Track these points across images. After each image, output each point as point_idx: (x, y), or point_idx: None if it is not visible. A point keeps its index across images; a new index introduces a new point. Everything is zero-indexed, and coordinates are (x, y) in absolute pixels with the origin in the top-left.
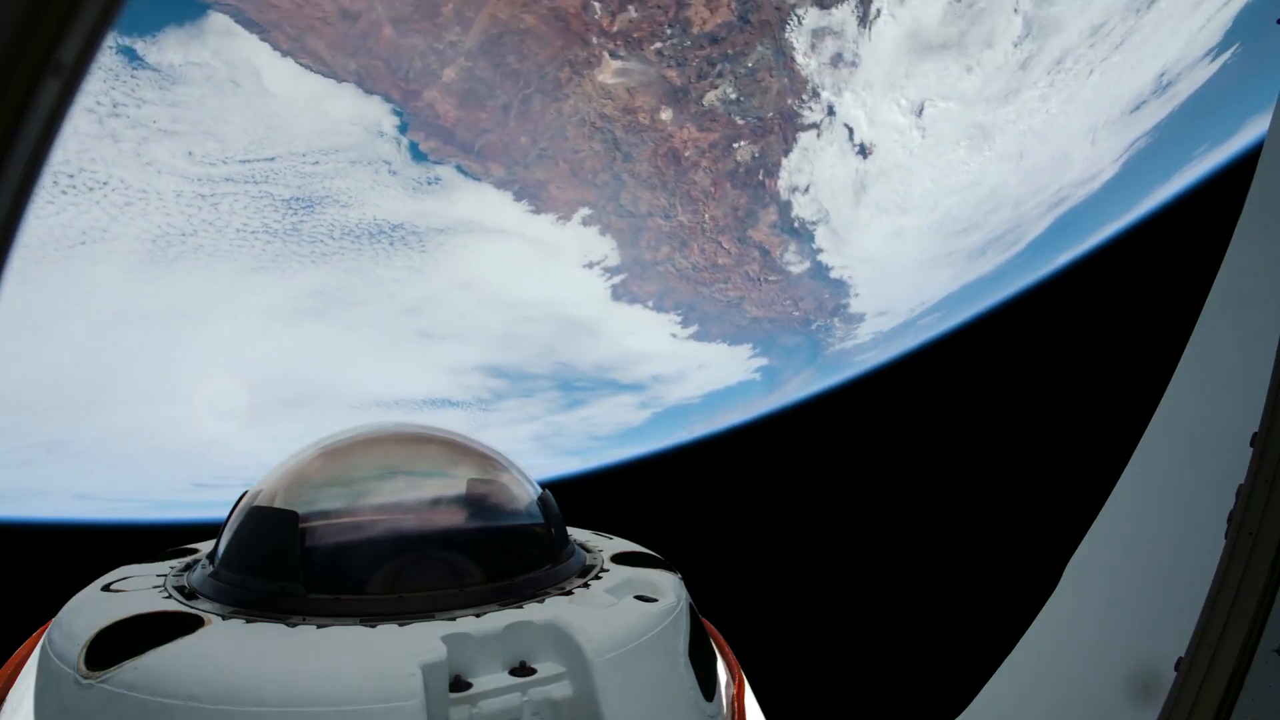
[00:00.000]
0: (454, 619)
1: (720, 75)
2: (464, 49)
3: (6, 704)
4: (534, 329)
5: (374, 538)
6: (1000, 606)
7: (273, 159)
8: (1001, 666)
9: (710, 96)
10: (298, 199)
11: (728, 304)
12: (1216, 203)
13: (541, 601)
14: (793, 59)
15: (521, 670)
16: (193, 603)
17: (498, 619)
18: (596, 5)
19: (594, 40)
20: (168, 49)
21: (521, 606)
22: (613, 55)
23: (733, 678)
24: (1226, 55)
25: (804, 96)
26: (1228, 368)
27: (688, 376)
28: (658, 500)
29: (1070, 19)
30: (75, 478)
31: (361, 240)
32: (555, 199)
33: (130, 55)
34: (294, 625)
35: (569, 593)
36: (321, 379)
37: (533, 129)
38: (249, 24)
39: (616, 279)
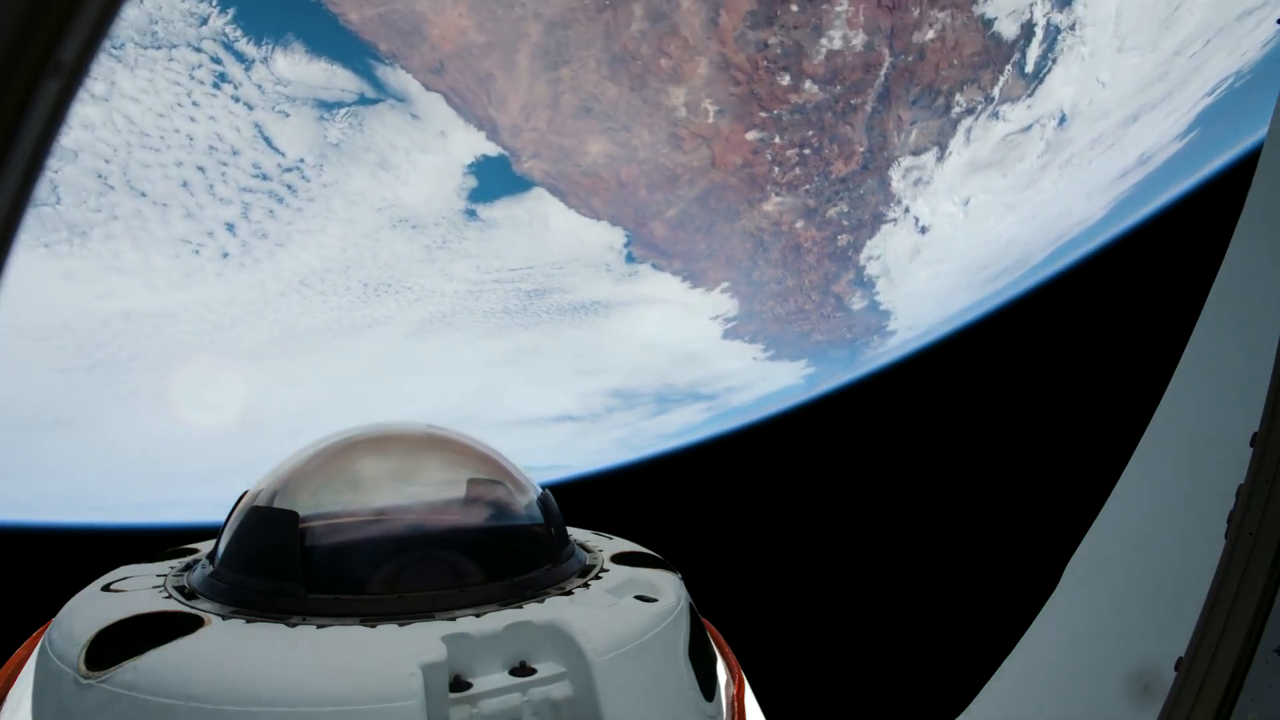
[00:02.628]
0: (454, 619)
1: (841, 198)
2: (687, 198)
3: (6, 704)
4: (658, 362)
5: (374, 537)
6: (1000, 606)
7: (531, 267)
8: (1001, 666)
9: (831, 212)
10: (535, 290)
11: (800, 334)
12: (1216, 203)
13: (541, 601)
14: (889, 184)
15: (521, 670)
16: (193, 603)
17: (498, 619)
18: (777, 169)
19: (768, 188)
20: (497, 209)
21: (521, 606)
22: (776, 194)
23: (733, 678)
24: (1191, 136)
25: (891, 204)
26: (1228, 368)
27: (752, 386)
28: (659, 501)
29: (1079, 136)
30: (231, 492)
31: (565, 313)
32: (708, 278)
33: (471, 215)
34: (294, 625)
35: (569, 593)
36: (480, 407)
37: (710, 239)
38: (557, 192)
39: (729, 325)
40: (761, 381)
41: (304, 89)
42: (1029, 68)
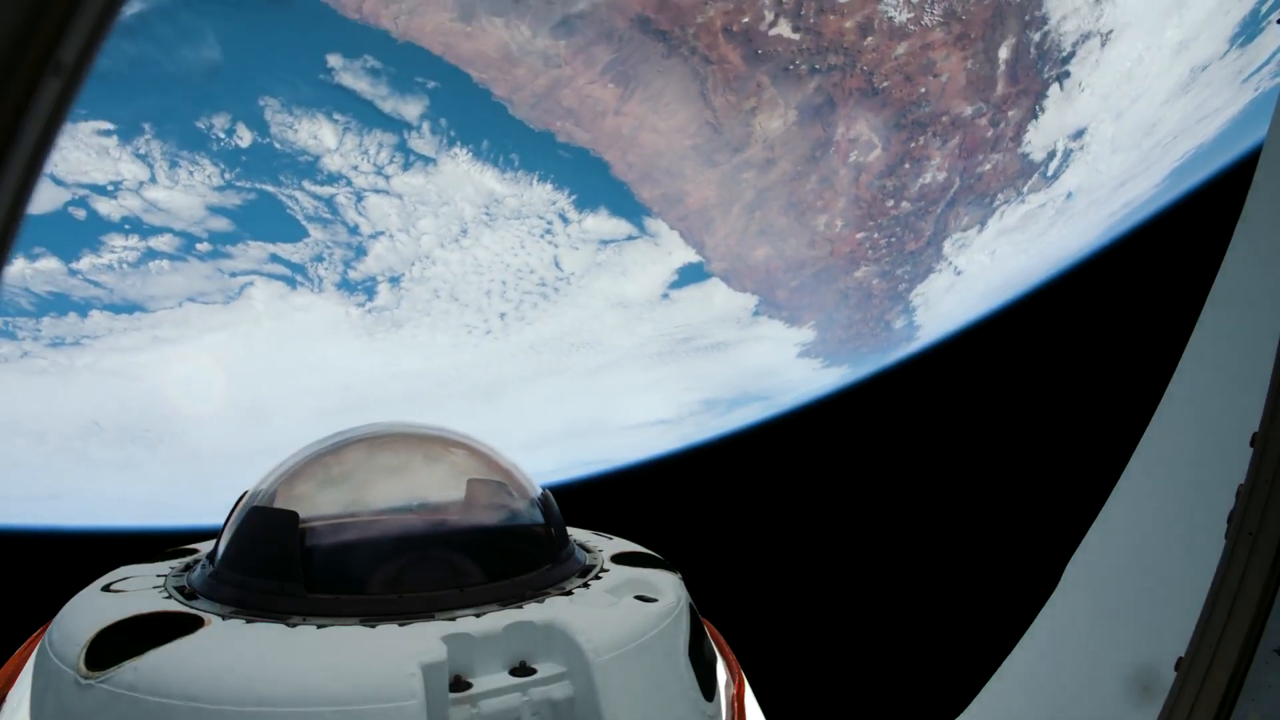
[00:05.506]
0: (454, 619)
1: (908, 263)
2: (806, 275)
3: (6, 705)
4: (744, 378)
5: (374, 537)
6: (1000, 606)
7: (687, 324)
8: (1001, 666)
9: (899, 271)
10: (684, 338)
11: (851, 349)
12: (1216, 203)
13: (541, 601)
14: (942, 250)
15: (522, 670)
16: (193, 603)
17: (498, 619)
18: (870, 251)
19: (861, 263)
20: (683, 293)
21: (521, 606)
22: (865, 266)
23: (733, 678)
24: (1164, 182)
25: (940, 261)
26: (1228, 368)
27: (801, 387)
28: (660, 501)
29: (1081, 202)
30: None
31: (698, 351)
32: (802, 319)
33: (664, 297)
34: (294, 625)
35: (569, 593)
36: (602, 420)
37: (813, 296)
38: (725, 279)
39: (805, 348)
40: (809, 384)
41: (596, 234)
42: (1050, 173)
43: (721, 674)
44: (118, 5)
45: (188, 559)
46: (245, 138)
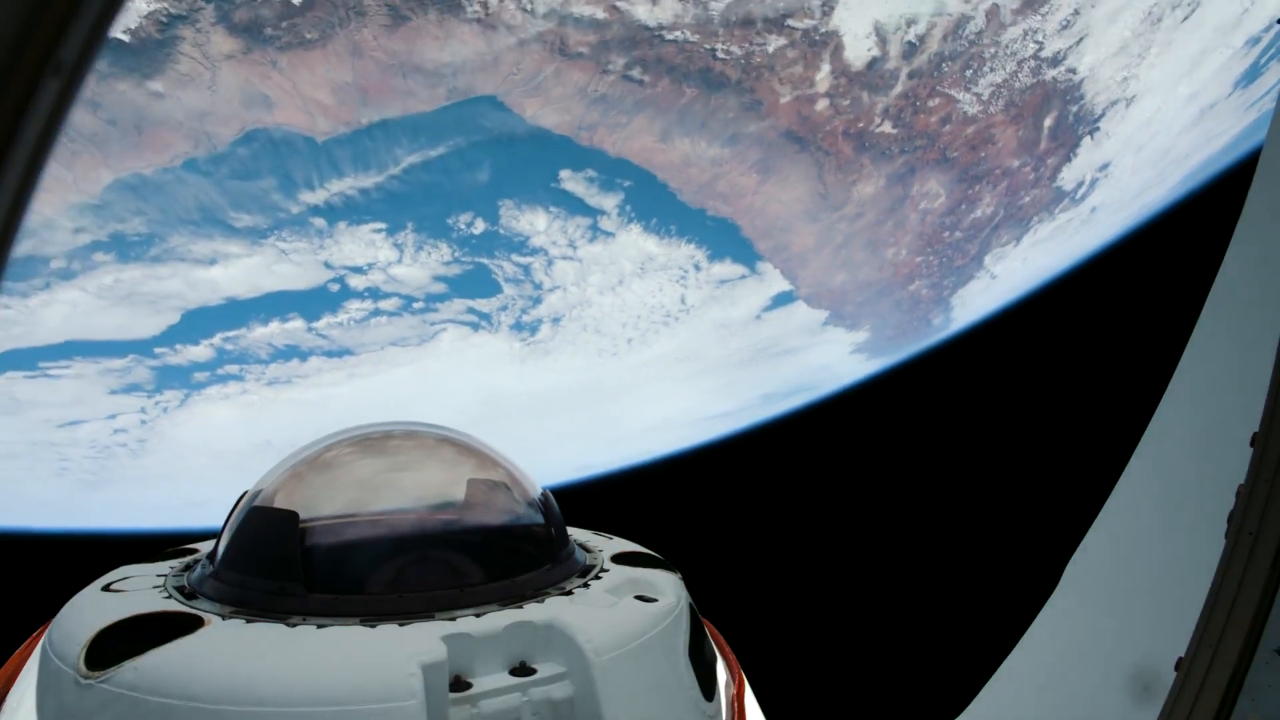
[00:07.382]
0: (454, 619)
1: (954, 275)
2: (871, 292)
3: (6, 704)
4: (801, 374)
5: (374, 537)
6: (1000, 606)
7: (770, 336)
8: (1001, 666)
9: (945, 282)
10: (763, 348)
11: (893, 344)
12: (1216, 204)
13: (542, 601)
14: (983, 262)
15: (522, 670)
16: (193, 603)
17: (498, 619)
18: (924, 268)
19: (916, 279)
20: (773, 315)
21: (521, 606)
22: (919, 279)
23: (733, 678)
24: (1175, 187)
25: (980, 271)
26: (1228, 368)
27: (841, 379)
28: (661, 502)
29: (1102, 214)
30: None
31: (772, 356)
32: (860, 324)
33: (757, 319)
34: (294, 625)
35: (569, 593)
36: (678, 414)
37: (874, 307)
38: (809, 301)
39: (857, 345)
40: (849, 375)
41: (719, 276)
42: (1078, 197)
43: (721, 674)
44: (118, 5)
45: (188, 559)
46: (479, 227)
